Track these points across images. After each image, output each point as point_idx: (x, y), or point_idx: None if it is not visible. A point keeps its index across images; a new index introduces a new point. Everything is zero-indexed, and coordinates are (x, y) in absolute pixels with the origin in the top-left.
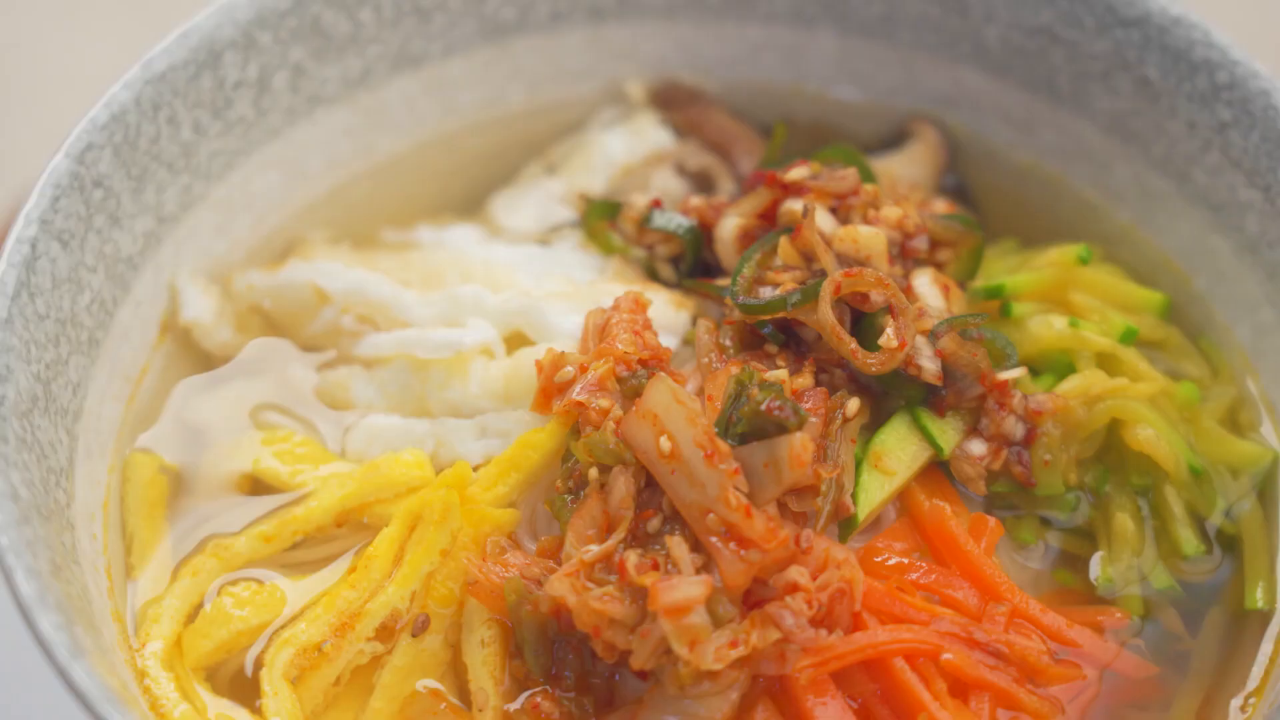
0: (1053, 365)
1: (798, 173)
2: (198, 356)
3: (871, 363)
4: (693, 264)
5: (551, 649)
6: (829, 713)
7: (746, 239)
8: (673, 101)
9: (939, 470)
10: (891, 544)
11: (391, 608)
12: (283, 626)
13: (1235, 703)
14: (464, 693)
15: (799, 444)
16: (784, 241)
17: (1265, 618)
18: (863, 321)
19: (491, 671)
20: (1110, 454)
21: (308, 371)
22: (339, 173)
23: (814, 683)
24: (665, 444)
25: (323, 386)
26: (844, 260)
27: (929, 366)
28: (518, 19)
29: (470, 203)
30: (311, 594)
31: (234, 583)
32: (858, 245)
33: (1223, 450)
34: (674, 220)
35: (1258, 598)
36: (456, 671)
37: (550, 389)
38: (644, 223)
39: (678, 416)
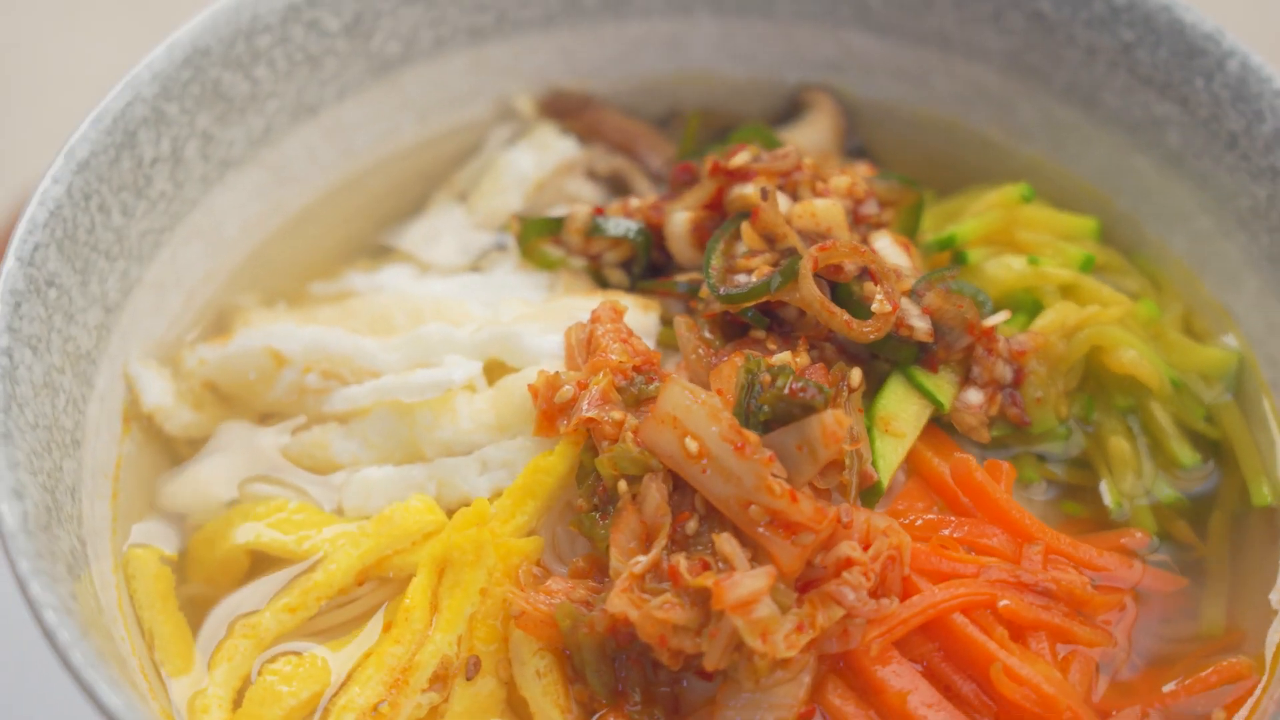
0: (1018, 305)
1: (741, 158)
2: (162, 443)
3: (867, 330)
4: (645, 265)
5: (613, 667)
6: (902, 679)
7: (699, 231)
8: (564, 110)
9: (934, 425)
10: (913, 505)
11: (441, 655)
12: (336, 694)
13: (1274, 597)
14: None
15: (832, 421)
16: (745, 227)
17: (1271, 512)
18: (838, 292)
19: (555, 701)
20: (1089, 381)
21: (279, 438)
22: (255, 234)
23: (880, 652)
24: (691, 444)
25: (299, 450)
26: (805, 235)
27: (920, 325)
28: (403, 51)
29: (374, 247)
30: (354, 657)
31: (272, 660)
32: (817, 219)
33: (1192, 359)
34: (623, 225)
35: (1265, 493)
36: (515, 707)
37: (551, 411)
38: (590, 232)
39: (699, 415)
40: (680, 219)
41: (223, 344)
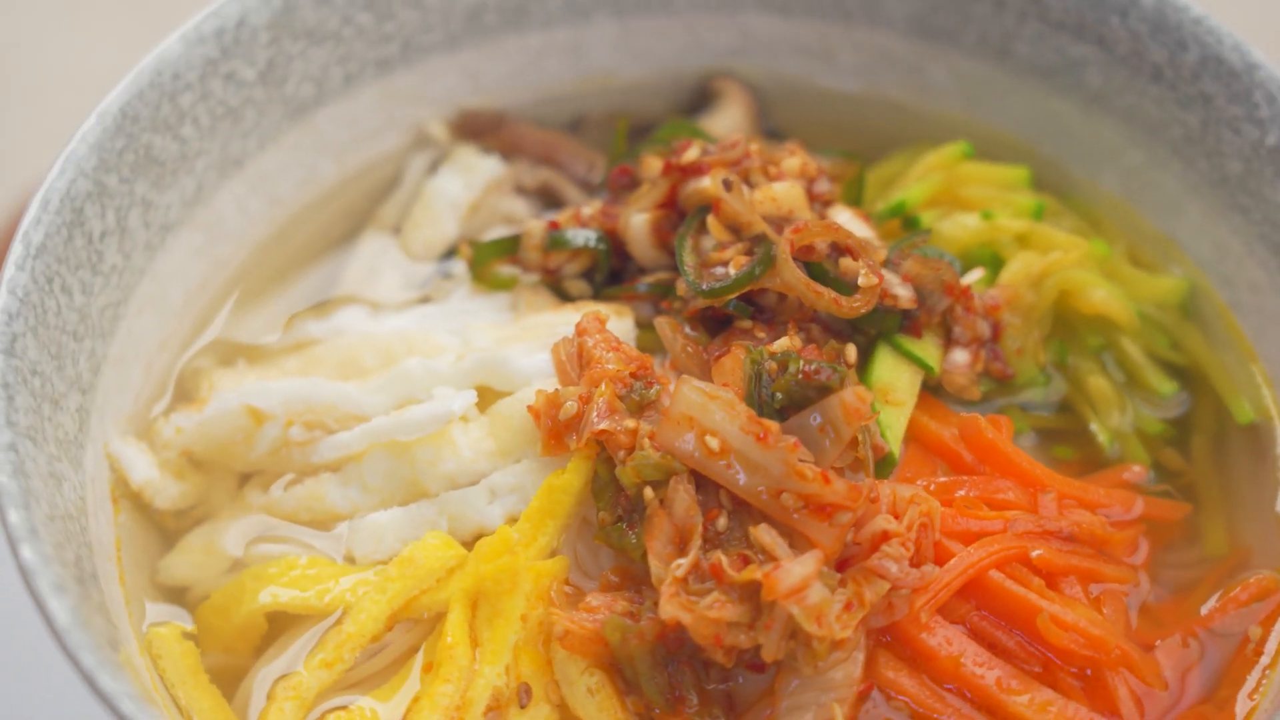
0: (978, 261)
1: (691, 153)
2: (149, 518)
3: (856, 304)
4: (607, 272)
5: (666, 673)
6: (951, 644)
7: (659, 232)
8: (478, 130)
9: (920, 391)
10: (918, 471)
11: (492, 688)
12: None
13: None
14: None
15: (853, 397)
16: (711, 220)
17: (1251, 428)
18: (812, 271)
19: (612, 715)
20: (1058, 326)
21: (268, 497)
22: (199, 297)
23: (919, 618)
24: (712, 442)
25: (295, 505)
26: (769, 220)
27: (903, 293)
28: (316, 92)
29: (318, 289)
30: (403, 703)
31: (320, 719)
32: (778, 203)
33: (1147, 291)
34: (582, 234)
35: (1247, 410)
36: None
37: (557, 429)
38: (549, 246)
39: (716, 411)
40: (639, 221)
41: (198, 410)
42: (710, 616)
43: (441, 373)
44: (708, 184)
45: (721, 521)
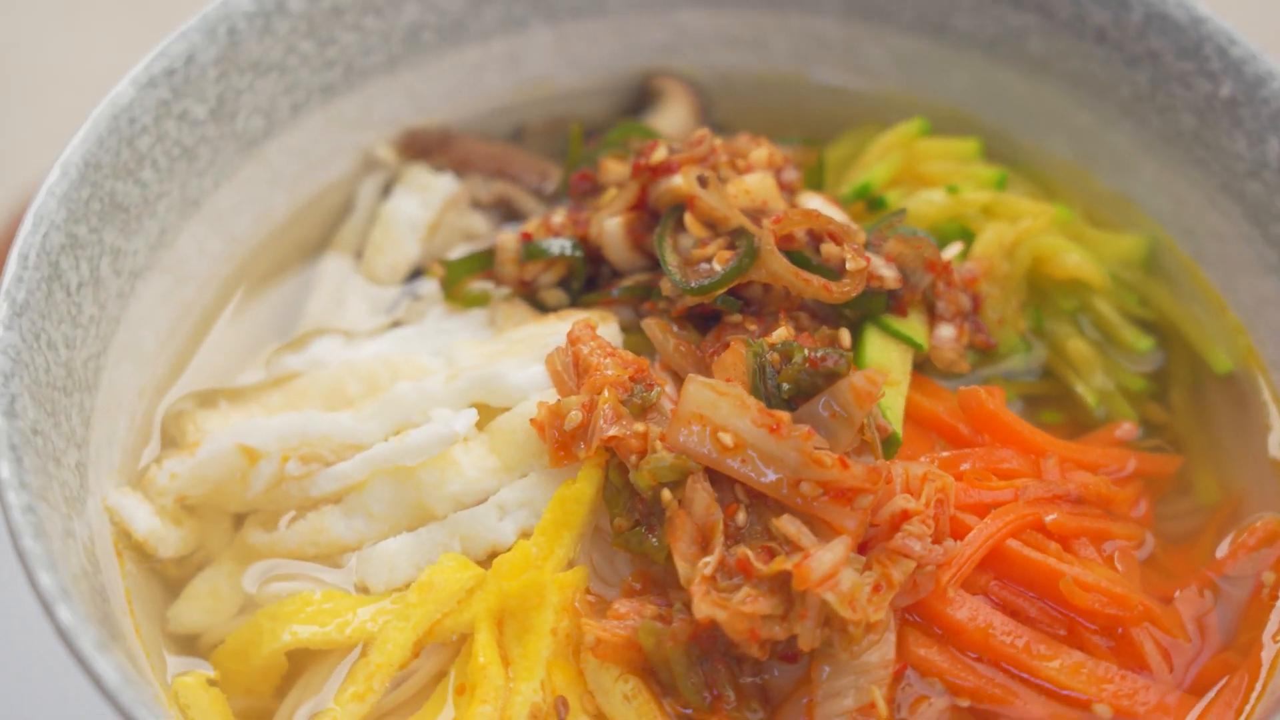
0: (946, 236)
1: (660, 154)
2: (151, 569)
3: (846, 289)
4: (586, 278)
5: (701, 673)
6: (977, 616)
7: (634, 234)
8: (426, 149)
9: None
10: (917, 449)
11: (530, 704)
12: None
13: (1273, 438)
14: None
15: (863, 380)
16: (689, 218)
17: (1229, 377)
18: (793, 259)
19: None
20: (1031, 293)
21: (272, 534)
22: (170, 343)
23: (945, 594)
24: (726, 438)
25: (299, 542)
26: (744, 213)
27: (888, 274)
28: (265, 125)
29: (284, 324)
30: None
31: None
32: (751, 195)
33: (1110, 250)
34: (558, 243)
35: (1225, 360)
36: None
37: (564, 440)
38: (525, 258)
39: (726, 407)
40: (613, 225)
41: (190, 454)
42: (745, 611)
43: (435, 394)
44: (679, 182)
45: (740, 516)
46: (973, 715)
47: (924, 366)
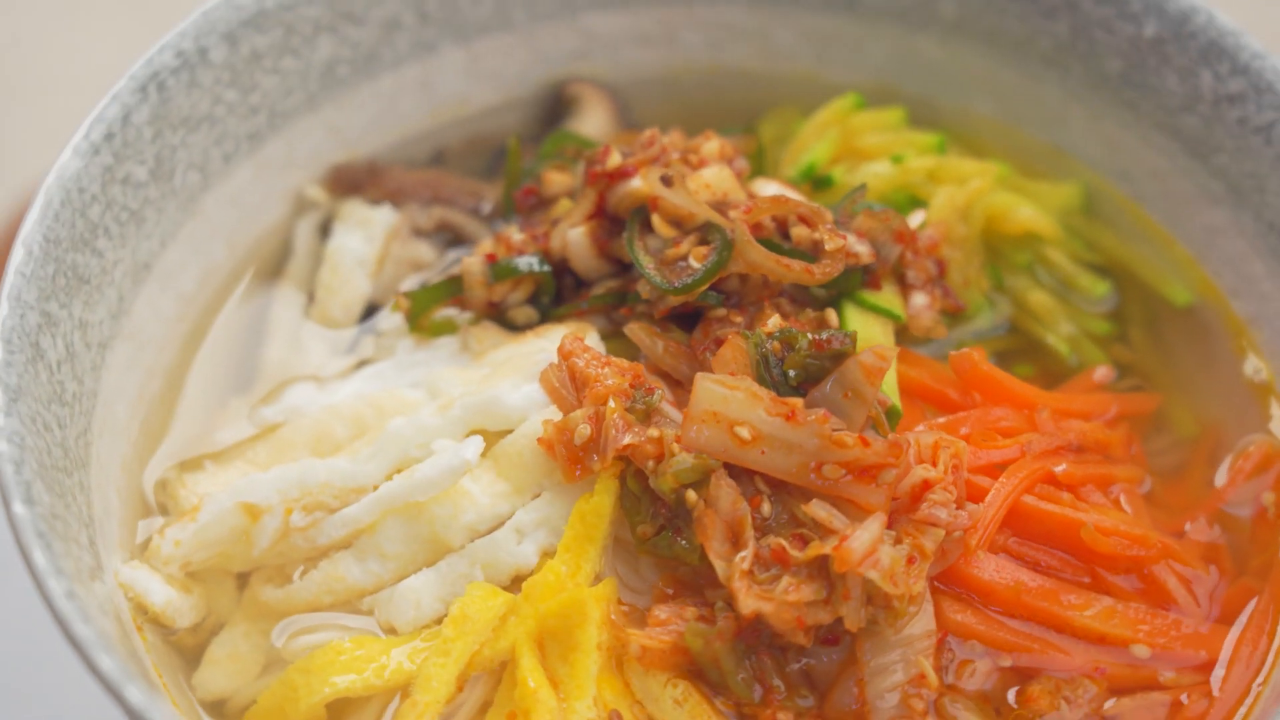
0: (895, 205)
1: (614, 159)
2: (167, 639)
3: (827, 269)
4: (554, 292)
5: (749, 667)
6: (1005, 575)
7: (599, 241)
8: (355, 184)
9: None
10: (912, 418)
11: None
12: None
13: (1249, 366)
14: None
15: (872, 356)
16: (656, 219)
17: (1186, 310)
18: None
19: None
20: (985, 251)
21: (286, 589)
22: (139, 411)
23: (973, 557)
24: (743, 432)
25: (315, 592)
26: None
27: (861, 250)
28: (201, 180)
29: (242, 379)
30: None
31: None
32: (712, 188)
33: (1049, 200)
34: (525, 260)
35: (1184, 293)
36: None
37: (574, 455)
38: (494, 279)
39: (738, 401)
40: (577, 235)
41: (191, 519)
42: (789, 600)
43: (432, 426)
44: (639, 185)
45: (765, 507)
46: (1015, 673)
47: (900, 336)
